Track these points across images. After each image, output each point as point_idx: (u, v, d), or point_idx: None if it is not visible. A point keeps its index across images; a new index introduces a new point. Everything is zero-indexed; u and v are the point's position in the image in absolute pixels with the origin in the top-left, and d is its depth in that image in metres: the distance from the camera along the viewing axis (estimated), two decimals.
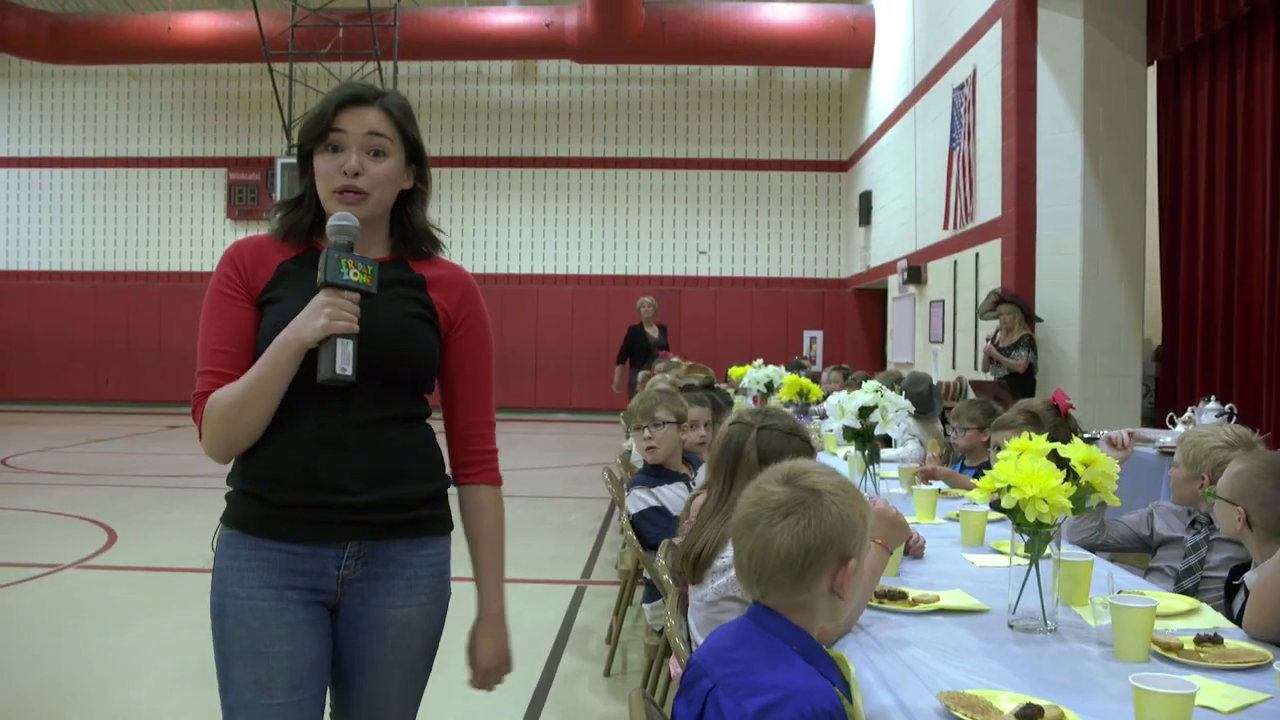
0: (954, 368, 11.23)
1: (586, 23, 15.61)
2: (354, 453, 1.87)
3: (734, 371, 8.74)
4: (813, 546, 1.53)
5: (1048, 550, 2.06)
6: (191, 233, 18.79)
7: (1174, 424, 6.35)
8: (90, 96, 19.00)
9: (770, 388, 7.53)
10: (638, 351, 11.12)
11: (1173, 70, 9.20)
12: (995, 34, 9.93)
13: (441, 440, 2.06)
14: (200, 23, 16.98)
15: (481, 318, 2.05)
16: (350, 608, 1.93)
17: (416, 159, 2.00)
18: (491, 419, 2.08)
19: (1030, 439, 2.10)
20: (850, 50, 16.08)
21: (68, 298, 18.48)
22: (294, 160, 2.05)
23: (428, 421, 2.02)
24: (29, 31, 16.93)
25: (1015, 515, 1.99)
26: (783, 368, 8.07)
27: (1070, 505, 1.96)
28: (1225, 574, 2.69)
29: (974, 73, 10.56)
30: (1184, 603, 2.33)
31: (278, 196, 16.54)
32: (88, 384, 18.16)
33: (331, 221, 1.84)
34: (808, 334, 17.90)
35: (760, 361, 8.13)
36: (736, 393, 7.93)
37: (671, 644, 2.20)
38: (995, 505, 2.11)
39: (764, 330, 17.49)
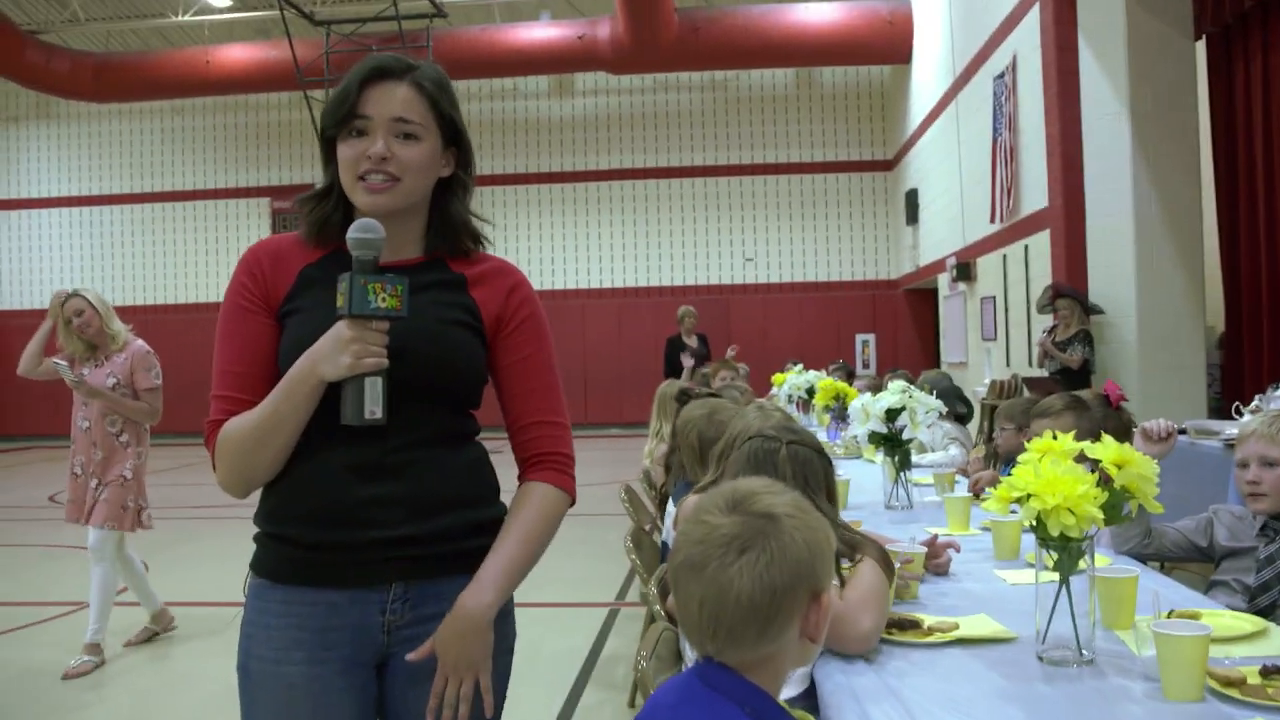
0: (1008, 365, 10.82)
1: (619, 33, 15.42)
2: (393, 480, 1.63)
3: (776, 378, 8.46)
4: (780, 586, 1.22)
5: (1081, 564, 1.77)
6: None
7: (1240, 414, 5.95)
8: (135, 133, 19.21)
9: (811, 394, 7.23)
10: (678, 362, 10.89)
11: (1223, 43, 8.76)
12: (1034, 18, 9.57)
13: (499, 460, 1.78)
14: (237, 54, 17.05)
15: (534, 311, 1.78)
16: (401, 660, 1.67)
17: (456, 142, 1.75)
18: (562, 419, 1.78)
19: (1056, 437, 1.80)
20: (888, 46, 15.71)
21: None
22: None
23: (479, 440, 1.77)
24: (74, 72, 17.12)
25: (1038, 529, 1.70)
26: (824, 372, 7.77)
27: (1101, 515, 1.66)
28: None
29: (1014, 59, 10.19)
30: (1247, 623, 1.99)
31: None
32: None
33: (352, 233, 1.58)
34: (860, 337, 17.51)
35: (800, 366, 7.84)
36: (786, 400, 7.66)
37: (641, 688, 1.93)
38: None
39: (815, 335, 17.13)
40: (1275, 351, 8.15)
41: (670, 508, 3.32)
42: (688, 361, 10.47)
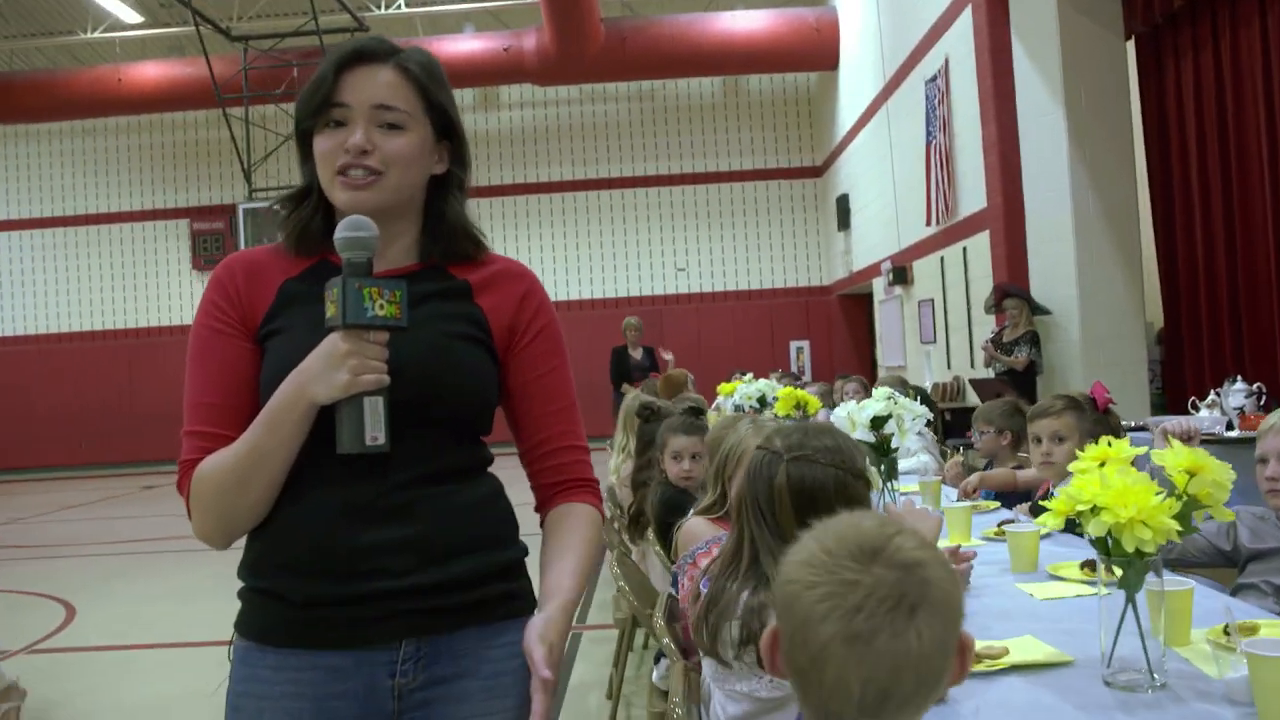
0: (949, 368, 10.84)
1: (545, 44, 15.24)
2: (397, 522, 1.41)
3: (723, 388, 8.31)
4: (950, 641, 1.03)
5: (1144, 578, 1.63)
6: (158, 287, 18.30)
7: (1196, 409, 5.96)
8: (44, 155, 18.51)
9: (763, 403, 7.10)
10: (624, 375, 10.72)
11: (1152, 42, 8.88)
12: (966, 20, 9.60)
13: (514, 490, 1.58)
14: (151, 72, 16.54)
15: (551, 320, 1.60)
16: None
17: (449, 135, 1.54)
18: (585, 443, 1.61)
19: (1110, 444, 1.67)
20: (816, 53, 15.76)
21: (34, 362, 17.92)
22: (255, 205, 1.56)
23: (491, 471, 1.56)
24: None
25: (1111, 545, 1.56)
26: (774, 380, 7.65)
27: (1178, 528, 1.53)
28: None
29: (946, 62, 10.23)
30: None
31: (242, 244, 16.06)
32: (60, 449, 17.58)
33: (341, 232, 1.36)
34: (794, 344, 17.50)
35: (750, 376, 7.72)
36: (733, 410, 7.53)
37: None
38: (1069, 524, 1.70)
39: (749, 343, 17.06)
40: (1215, 346, 8.23)
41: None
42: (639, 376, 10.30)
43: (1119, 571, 1.61)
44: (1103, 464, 1.62)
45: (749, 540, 1.92)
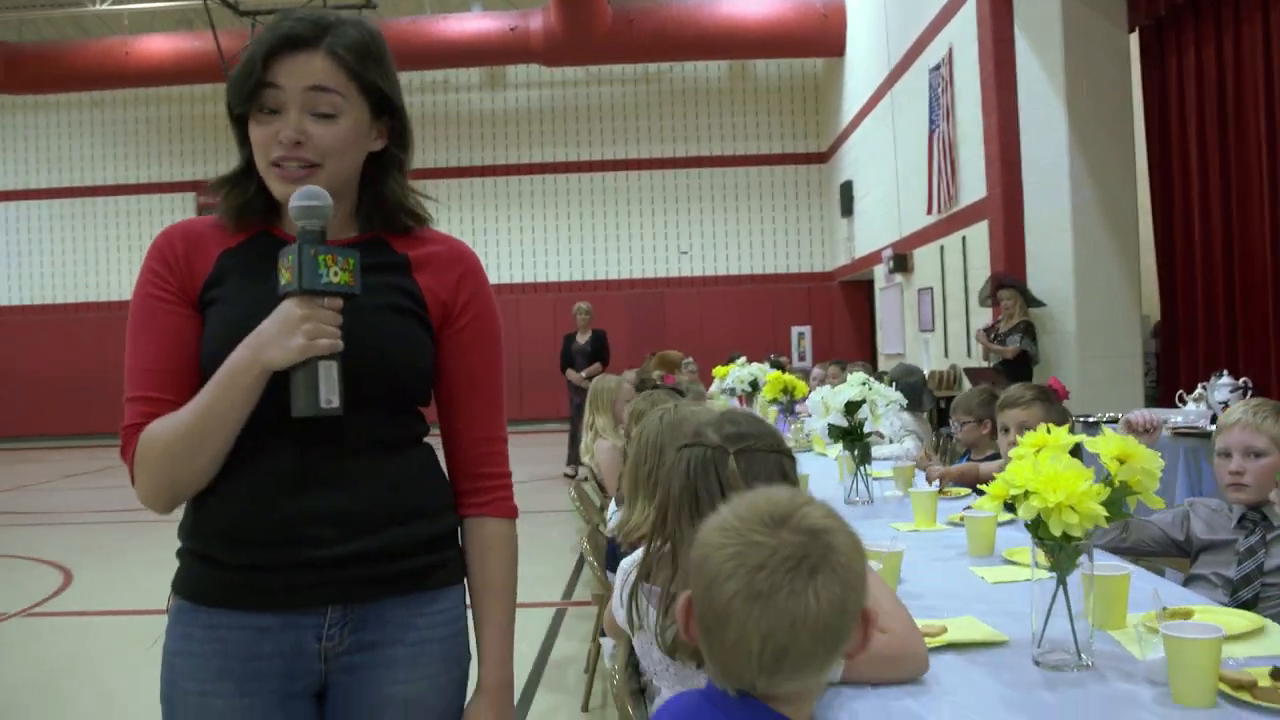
0: (946, 356, 10.88)
1: (552, 25, 15.23)
2: (329, 492, 1.45)
3: (717, 371, 8.38)
4: (849, 604, 1.10)
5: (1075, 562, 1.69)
6: None
7: (1184, 402, 6.00)
8: (51, 126, 18.57)
9: (755, 386, 7.16)
10: (568, 360, 10.85)
11: (1156, 36, 8.88)
12: (970, 10, 9.60)
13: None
14: (158, 45, 16.56)
15: (486, 304, 1.61)
16: (339, 688, 1.51)
17: (388, 111, 1.53)
18: (502, 433, 1.65)
19: (1049, 431, 1.72)
20: (822, 39, 15.74)
21: (42, 331, 18.01)
22: None
23: (427, 442, 1.61)
24: None
25: (1038, 528, 1.61)
26: (766, 365, 7.70)
27: (1105, 514, 1.58)
28: None
29: (950, 51, 10.23)
30: (1243, 619, 1.91)
31: None
32: (69, 418, 17.67)
33: (296, 200, 1.39)
34: (795, 329, 17.53)
35: (744, 359, 7.77)
36: (723, 393, 7.61)
37: (619, 709, 1.81)
38: (1010, 509, 1.75)
39: (751, 328, 17.09)
40: (1210, 340, 8.26)
41: None
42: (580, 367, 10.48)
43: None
44: (1039, 450, 1.67)
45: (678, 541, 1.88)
